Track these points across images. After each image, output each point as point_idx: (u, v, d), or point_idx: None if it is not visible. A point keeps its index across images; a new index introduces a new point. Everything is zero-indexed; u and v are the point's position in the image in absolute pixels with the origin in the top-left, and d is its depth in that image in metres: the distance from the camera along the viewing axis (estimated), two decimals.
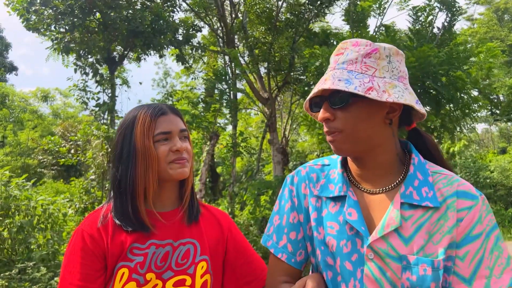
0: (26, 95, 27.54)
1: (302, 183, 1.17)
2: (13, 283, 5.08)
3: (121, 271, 1.11)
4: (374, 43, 1.04)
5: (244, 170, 17.16)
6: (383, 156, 1.05)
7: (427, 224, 0.98)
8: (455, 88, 9.75)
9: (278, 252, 1.15)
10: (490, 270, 0.95)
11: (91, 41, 6.97)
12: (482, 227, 0.98)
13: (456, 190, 1.01)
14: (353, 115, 1.01)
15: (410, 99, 0.99)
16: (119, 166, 1.18)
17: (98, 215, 1.18)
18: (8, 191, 5.99)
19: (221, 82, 7.55)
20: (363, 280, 0.99)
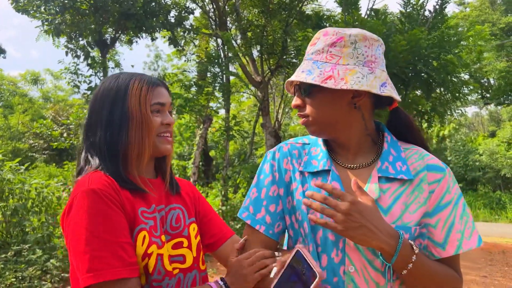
0: (15, 78, 27.13)
1: (284, 158, 1.21)
2: (9, 264, 5.14)
3: (142, 234, 1.11)
4: (342, 31, 1.09)
5: (237, 153, 17.21)
6: (355, 136, 1.13)
7: (403, 195, 1.07)
8: (446, 71, 9.80)
9: (255, 224, 1.18)
10: (461, 233, 1.07)
11: (82, 23, 6.88)
12: (450, 196, 1.08)
13: (426, 164, 1.10)
14: (318, 101, 1.10)
15: (371, 84, 1.04)
16: (107, 130, 1.16)
17: (100, 176, 1.12)
18: (2, 174, 5.99)
19: (214, 65, 7.53)
20: (345, 249, 1.05)
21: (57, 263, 5.30)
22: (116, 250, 1.03)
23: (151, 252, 1.11)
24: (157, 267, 1.11)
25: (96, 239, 1.02)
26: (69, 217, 1.07)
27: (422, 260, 1.01)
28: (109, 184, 1.09)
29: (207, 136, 11.85)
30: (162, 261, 1.13)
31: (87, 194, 1.05)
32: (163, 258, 1.13)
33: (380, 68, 1.11)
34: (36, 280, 5.00)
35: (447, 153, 22.61)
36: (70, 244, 1.06)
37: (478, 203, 20.15)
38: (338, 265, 1.06)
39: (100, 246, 1.02)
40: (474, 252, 9.61)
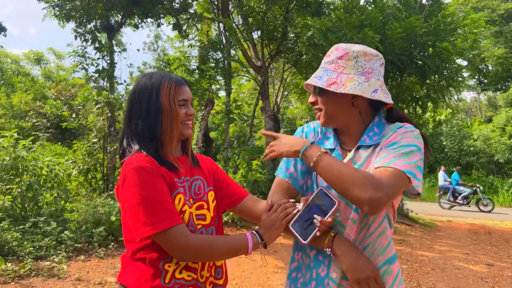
0: (18, 57, 27.17)
1: (310, 132, 1.65)
2: (27, 235, 5.56)
3: (178, 196, 1.48)
4: (349, 47, 1.47)
5: (237, 135, 17.56)
6: (354, 127, 1.52)
7: (370, 156, 1.45)
8: (441, 59, 10.03)
9: (285, 176, 1.60)
10: (394, 158, 1.32)
11: (91, 9, 7.16)
12: (401, 140, 1.37)
13: (399, 125, 1.46)
14: (327, 100, 1.48)
15: (364, 90, 1.40)
16: (146, 120, 1.51)
17: (143, 157, 1.45)
18: (16, 152, 6.35)
19: (216, 51, 7.84)
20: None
21: (71, 235, 5.71)
22: (165, 205, 1.40)
23: (185, 210, 1.49)
24: (190, 221, 1.50)
25: (148, 200, 1.37)
26: (123, 188, 1.43)
27: (328, 158, 1.35)
28: (151, 162, 1.46)
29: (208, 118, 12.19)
30: (193, 218, 1.52)
31: (137, 170, 1.40)
32: (193, 215, 1.52)
33: (376, 77, 1.44)
34: (52, 250, 5.43)
35: (443, 138, 22.92)
36: (127, 208, 1.42)
37: None
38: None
39: (153, 205, 1.37)
40: (461, 233, 10.09)
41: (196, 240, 1.43)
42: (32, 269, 4.78)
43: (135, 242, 1.46)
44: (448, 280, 5.61)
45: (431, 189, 20.79)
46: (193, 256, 1.45)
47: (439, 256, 7.12)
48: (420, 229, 10.12)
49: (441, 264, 6.52)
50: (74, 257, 5.51)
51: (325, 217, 1.36)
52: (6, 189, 5.90)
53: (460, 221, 12.60)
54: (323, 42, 7.76)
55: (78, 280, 4.71)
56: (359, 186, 1.24)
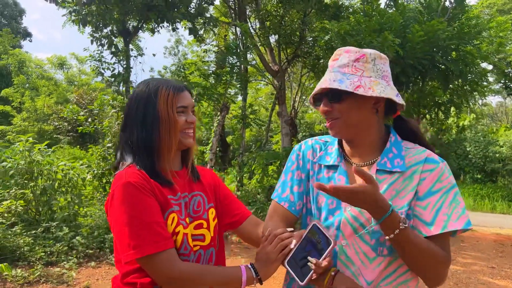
0: (42, 61, 27.78)
1: (308, 150, 1.50)
2: (39, 240, 5.55)
3: (172, 215, 1.35)
4: (362, 50, 1.33)
5: (253, 140, 17.43)
6: (370, 138, 1.37)
7: (395, 184, 1.30)
8: (465, 63, 9.74)
9: (281, 201, 1.46)
10: (448, 216, 1.25)
11: (107, 14, 7.18)
12: (441, 184, 1.28)
13: (425, 157, 1.32)
14: (347, 106, 1.31)
15: (391, 93, 1.28)
16: (142, 129, 1.38)
17: (134, 171, 1.34)
18: (31, 156, 6.37)
19: (232, 55, 7.75)
20: (340, 227, 1.32)
21: (82, 240, 5.68)
22: (154, 228, 1.27)
23: (178, 231, 1.35)
24: (183, 244, 1.36)
25: (136, 221, 1.25)
26: (112, 206, 1.32)
27: (407, 232, 1.19)
28: (142, 177, 1.33)
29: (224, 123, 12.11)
30: (187, 239, 1.38)
31: (126, 186, 1.28)
32: (187, 237, 1.38)
33: (391, 82, 1.35)
34: (63, 255, 5.40)
35: (467, 144, 22.28)
36: (114, 228, 1.31)
37: (496, 194, 19.88)
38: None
39: (140, 226, 1.25)
40: (486, 243, 9.68)
41: (185, 269, 1.29)
42: (41, 276, 4.75)
43: (125, 264, 1.34)
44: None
45: None
46: (180, 286, 1.31)
47: (462, 269, 6.81)
48: None
49: (464, 278, 6.22)
50: (85, 263, 5.47)
51: (320, 259, 1.22)
52: (20, 193, 5.91)
53: (485, 231, 12.13)
54: (341, 46, 7.56)
55: (86, 287, 4.64)
56: (439, 270, 1.25)
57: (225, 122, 11.34)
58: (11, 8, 33.82)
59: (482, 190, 20.37)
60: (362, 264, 1.28)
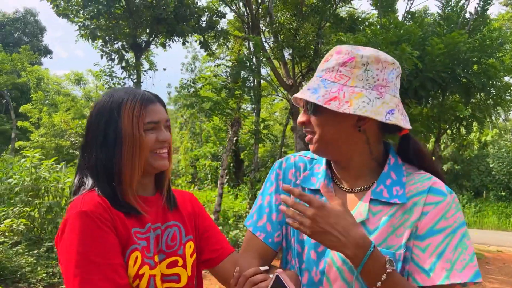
0: (60, 78, 28.30)
1: (290, 169, 1.23)
2: (41, 260, 5.37)
3: (134, 254, 1.11)
4: (355, 51, 1.06)
5: (268, 155, 17.20)
6: (357, 159, 1.10)
7: (392, 218, 1.03)
8: (487, 76, 9.41)
9: (256, 231, 1.20)
10: (452, 264, 0.97)
11: (116, 27, 7.11)
12: (447, 222, 1.00)
13: (429, 186, 1.04)
14: (322, 120, 1.06)
15: (375, 110, 1.00)
16: (102, 150, 1.16)
17: (93, 197, 1.11)
18: (38, 172, 6.25)
19: (245, 69, 7.56)
20: (324, 270, 1.05)
21: None
22: (107, 273, 1.03)
23: (142, 273, 1.10)
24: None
25: (86, 262, 1.02)
26: (62, 239, 1.07)
27: (397, 280, 0.94)
28: (101, 205, 1.09)
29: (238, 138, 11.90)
30: (155, 282, 1.12)
31: (79, 216, 1.05)
32: (155, 279, 1.13)
33: (391, 93, 1.06)
34: None
35: (489, 160, 21.67)
36: (62, 267, 1.06)
37: None
38: (316, 284, 1.06)
39: (90, 269, 1.02)
40: None
41: None
42: None
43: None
44: None
45: (478, 215, 19.57)
46: None
47: None
48: None
49: None
50: None
51: None
52: (24, 211, 5.76)
53: (511, 252, 11.57)
54: None
55: None
56: None
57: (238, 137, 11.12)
58: (32, 26, 34.72)
59: (506, 208, 19.72)
60: None
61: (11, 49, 29.46)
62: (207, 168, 16.70)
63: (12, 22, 34.17)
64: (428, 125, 9.91)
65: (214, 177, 15.39)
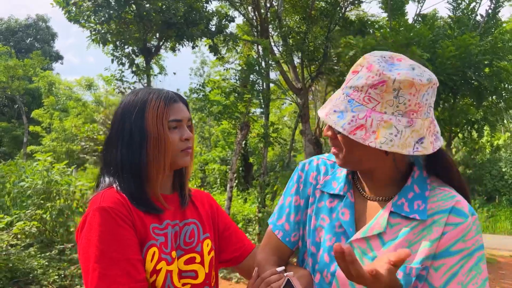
0: (71, 83, 28.68)
1: (312, 172, 1.24)
2: (53, 262, 5.41)
3: (151, 250, 1.13)
4: (388, 72, 0.98)
5: (277, 159, 17.23)
6: (381, 174, 1.09)
7: (409, 233, 1.02)
8: (499, 79, 9.36)
9: (275, 229, 1.24)
10: (463, 286, 0.97)
11: (127, 32, 7.20)
12: (464, 245, 0.99)
13: (451, 206, 1.02)
14: (349, 143, 1.03)
15: (402, 144, 0.97)
16: (127, 148, 1.18)
17: (112, 194, 1.15)
18: (50, 176, 6.32)
19: (254, 73, 7.59)
20: (335, 273, 1.06)
21: None
22: (125, 268, 1.05)
23: (160, 269, 1.12)
24: (166, 284, 1.13)
25: (105, 257, 1.04)
26: (81, 234, 1.10)
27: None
28: (120, 202, 1.12)
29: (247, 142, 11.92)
30: (171, 278, 1.14)
31: (99, 213, 1.08)
32: (172, 275, 1.14)
33: (423, 116, 1.00)
34: (77, 278, 5.22)
35: (502, 164, 21.46)
36: (81, 261, 1.08)
37: None
38: (327, 285, 1.09)
39: (109, 264, 1.04)
40: None
41: None
42: None
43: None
44: None
45: (490, 219, 19.37)
46: None
47: None
48: None
49: None
50: None
51: None
52: (36, 214, 5.82)
53: None
54: None
55: None
56: None
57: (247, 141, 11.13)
58: (44, 32, 35.29)
59: None
60: None
61: (23, 55, 29.97)
62: (216, 172, 16.76)
63: (24, 28, 34.79)
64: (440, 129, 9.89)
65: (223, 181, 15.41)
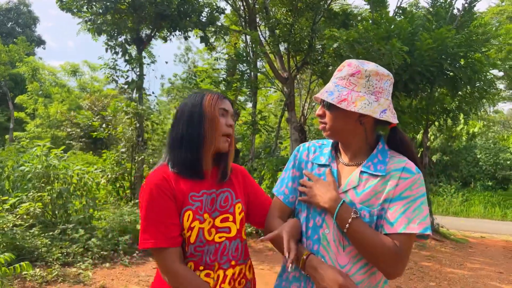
0: (55, 68, 28.31)
1: (304, 151, 1.67)
2: (55, 242, 5.73)
3: (187, 213, 1.52)
4: (361, 65, 1.47)
5: (263, 146, 17.59)
6: (356, 144, 1.53)
7: (374, 186, 1.45)
8: (473, 70, 9.79)
9: (278, 194, 1.67)
10: (409, 220, 1.39)
11: (122, 23, 7.42)
12: (411, 192, 1.42)
13: (403, 166, 1.46)
14: (334, 115, 1.49)
15: (373, 110, 1.42)
16: (188, 128, 1.57)
17: (161, 170, 1.56)
18: (48, 161, 6.58)
19: (242, 63, 7.93)
20: (325, 218, 1.49)
21: (97, 242, 5.85)
22: (159, 228, 1.48)
23: (193, 226, 1.53)
24: (198, 237, 1.54)
25: (147, 218, 1.50)
26: (139, 199, 1.57)
27: (360, 224, 1.39)
28: (165, 178, 1.54)
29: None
30: (203, 233, 1.55)
31: (149, 187, 1.52)
32: (203, 231, 1.55)
33: (385, 97, 1.47)
34: (79, 256, 5.56)
35: (477, 151, 22.17)
36: (140, 216, 1.55)
37: (507, 202, 19.73)
38: (318, 227, 1.51)
39: (149, 223, 1.49)
40: (495, 250, 9.69)
41: (175, 272, 1.50)
42: (59, 275, 4.92)
43: None
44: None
45: (465, 204, 20.12)
46: (171, 283, 1.52)
47: (470, 274, 6.86)
48: (451, 245, 9.78)
49: (471, 282, 6.28)
50: (100, 264, 5.62)
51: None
52: (38, 196, 6.11)
53: (495, 238, 12.12)
54: (350, 53, 7.72)
55: (102, 287, 4.80)
56: (388, 261, 1.38)
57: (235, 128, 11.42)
58: (25, 16, 34.56)
59: (493, 198, 20.24)
60: (337, 250, 1.45)
61: (4, 39, 29.36)
62: None
63: (5, 13, 34.00)
64: (416, 117, 10.33)
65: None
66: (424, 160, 11.24)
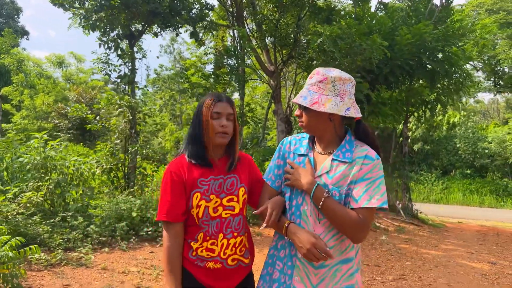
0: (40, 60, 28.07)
1: (287, 144, 2.04)
2: (56, 228, 6.04)
3: (196, 194, 1.91)
4: (328, 73, 1.81)
5: (250, 137, 17.98)
6: (328, 137, 1.92)
7: (344, 170, 1.83)
8: (450, 63, 10.27)
9: (267, 180, 2.04)
10: (370, 197, 1.77)
11: (115, 19, 7.67)
12: (371, 175, 1.79)
13: (365, 154, 1.84)
14: (309, 115, 1.87)
15: (339, 109, 1.77)
16: (194, 126, 1.98)
17: (179, 159, 1.97)
18: (46, 152, 6.85)
19: (231, 57, 8.26)
20: (304, 197, 1.87)
21: (96, 229, 6.18)
22: (168, 205, 1.91)
23: (200, 204, 1.92)
24: (204, 213, 1.93)
25: (164, 196, 1.92)
26: (161, 181, 1.98)
27: (331, 201, 1.75)
28: (180, 166, 1.95)
29: None
30: (208, 210, 1.94)
31: (167, 172, 1.95)
32: (209, 209, 1.94)
33: (349, 97, 1.81)
34: (79, 242, 5.89)
35: (457, 140, 22.84)
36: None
37: (485, 189, 20.45)
38: (300, 205, 1.89)
39: (165, 201, 1.92)
40: (469, 233, 10.30)
41: (166, 244, 1.94)
42: (62, 259, 5.24)
43: None
44: (449, 276, 5.90)
45: (445, 191, 20.82)
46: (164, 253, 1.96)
47: (443, 254, 7.40)
48: (428, 230, 10.35)
49: (444, 261, 6.81)
50: (99, 249, 5.97)
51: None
52: (37, 186, 6.39)
53: (471, 223, 12.76)
54: (333, 48, 8.11)
55: (103, 269, 5.17)
56: (353, 229, 1.73)
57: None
58: (8, 7, 34.05)
59: (471, 185, 20.96)
60: (314, 222, 1.83)
61: None
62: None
63: None
64: (397, 108, 10.79)
65: None
66: (404, 149, 11.78)
